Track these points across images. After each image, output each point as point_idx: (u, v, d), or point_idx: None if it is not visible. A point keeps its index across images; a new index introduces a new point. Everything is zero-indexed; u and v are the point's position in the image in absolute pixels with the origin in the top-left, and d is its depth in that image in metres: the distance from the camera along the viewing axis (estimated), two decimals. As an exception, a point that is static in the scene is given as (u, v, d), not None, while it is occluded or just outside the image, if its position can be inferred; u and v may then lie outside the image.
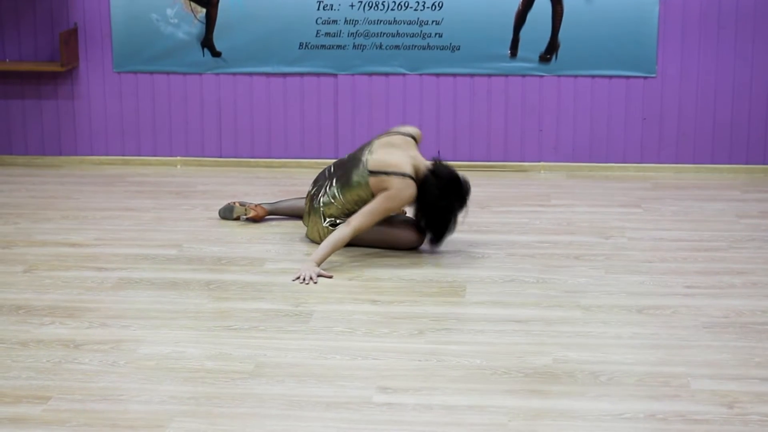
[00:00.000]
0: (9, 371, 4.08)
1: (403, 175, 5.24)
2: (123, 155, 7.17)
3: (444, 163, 5.40)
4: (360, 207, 5.31)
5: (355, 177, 5.34)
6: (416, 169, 5.32)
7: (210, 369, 4.10)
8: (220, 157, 7.10)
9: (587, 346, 4.28)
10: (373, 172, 5.28)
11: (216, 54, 7.00)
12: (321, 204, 5.46)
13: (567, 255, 5.36)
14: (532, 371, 4.06)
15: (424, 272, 5.14)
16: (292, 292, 4.89)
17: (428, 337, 4.38)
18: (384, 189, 5.25)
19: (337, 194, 5.41)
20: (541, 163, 6.99)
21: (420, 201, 5.31)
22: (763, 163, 6.87)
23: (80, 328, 4.48)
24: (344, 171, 5.43)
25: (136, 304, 4.77)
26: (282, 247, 5.52)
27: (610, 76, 6.85)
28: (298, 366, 4.13)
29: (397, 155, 5.32)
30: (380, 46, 6.91)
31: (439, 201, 5.29)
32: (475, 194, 6.42)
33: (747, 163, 6.88)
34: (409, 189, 5.25)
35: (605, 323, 4.51)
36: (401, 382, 3.99)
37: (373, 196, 5.29)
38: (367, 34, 6.90)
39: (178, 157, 7.12)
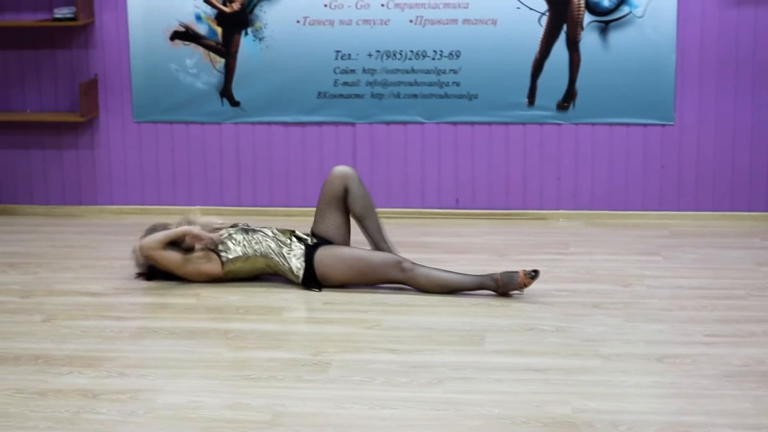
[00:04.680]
0: (27, 421, 4.08)
1: None
2: (143, 204, 7.20)
3: None
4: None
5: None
6: None
7: (228, 419, 4.09)
8: (239, 205, 7.12)
9: (607, 395, 4.26)
10: None
11: (235, 103, 7.04)
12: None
13: (586, 303, 5.35)
14: (551, 421, 4.04)
15: (442, 320, 5.13)
16: (310, 342, 4.89)
17: (447, 386, 4.36)
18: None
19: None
20: (560, 211, 6.99)
21: None
22: (783, 210, 6.87)
23: (99, 377, 4.48)
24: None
25: (155, 353, 4.77)
26: (299, 295, 5.52)
27: (628, 124, 6.86)
28: (317, 415, 4.11)
29: None
30: (398, 95, 6.94)
31: None
32: (493, 242, 6.44)
33: (766, 210, 6.86)
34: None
35: (625, 372, 4.49)
36: (419, 431, 3.97)
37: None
38: (385, 83, 6.93)
39: (198, 206, 7.14)
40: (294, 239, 5.66)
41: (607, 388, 4.33)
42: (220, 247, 5.62)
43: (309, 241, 5.66)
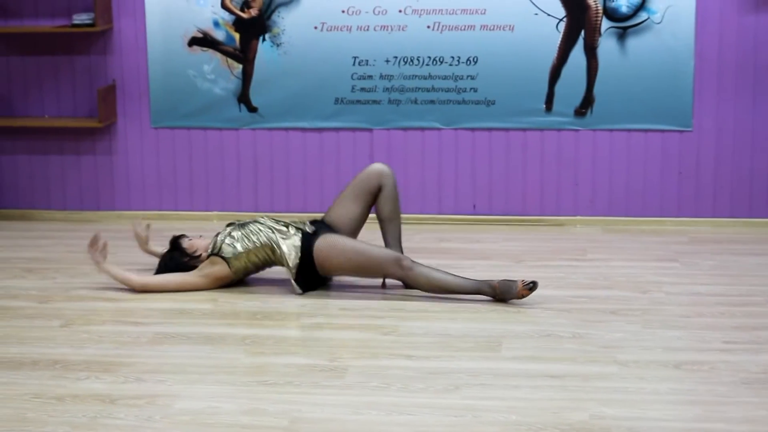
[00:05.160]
0: (45, 426, 4.09)
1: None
2: (160, 210, 7.22)
3: None
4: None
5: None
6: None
7: (245, 424, 4.09)
8: (256, 211, 7.13)
9: (624, 402, 4.25)
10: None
11: (252, 109, 7.05)
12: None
13: (603, 310, 5.33)
14: (568, 427, 4.03)
15: (459, 327, 5.13)
16: (327, 347, 4.89)
17: (463, 393, 4.36)
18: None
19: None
20: (577, 217, 6.98)
21: None
22: (801, 217, 6.85)
23: (116, 382, 4.49)
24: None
25: (172, 358, 4.77)
26: (317, 301, 5.52)
27: (646, 130, 6.85)
28: (333, 421, 4.11)
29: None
30: (415, 101, 6.94)
31: None
32: (510, 248, 6.43)
33: (785, 217, 6.85)
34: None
35: (642, 379, 4.47)
36: (436, 438, 3.98)
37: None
38: (402, 89, 6.94)
39: (215, 212, 7.15)
40: (291, 227, 5.65)
41: (624, 394, 4.32)
42: (223, 248, 5.62)
43: (307, 229, 5.64)
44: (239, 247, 5.62)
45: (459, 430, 4.03)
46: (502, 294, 5.39)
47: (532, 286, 5.35)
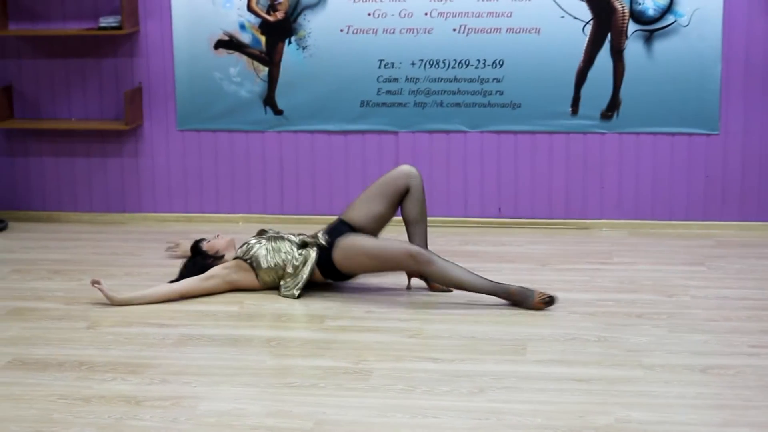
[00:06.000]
0: (71, 427, 4.10)
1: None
2: (186, 212, 7.24)
3: None
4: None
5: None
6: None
7: (270, 426, 4.10)
8: (282, 213, 7.14)
9: (650, 406, 4.23)
10: None
11: (278, 112, 7.06)
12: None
13: (629, 313, 5.32)
14: (593, 431, 4.02)
15: (484, 330, 5.12)
16: (352, 350, 4.89)
17: (488, 396, 4.35)
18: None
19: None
20: (603, 221, 6.96)
21: None
22: (829, 221, 6.81)
23: (141, 384, 4.50)
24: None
25: (197, 360, 4.79)
26: (342, 304, 5.53)
27: (673, 133, 6.82)
28: (358, 424, 4.11)
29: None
30: (441, 104, 6.94)
31: None
32: (535, 252, 6.42)
33: (812, 221, 6.81)
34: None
35: (668, 383, 4.46)
36: (461, 441, 3.97)
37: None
38: (428, 92, 6.93)
39: (240, 214, 7.17)
40: (309, 247, 5.65)
41: (650, 398, 4.30)
42: (258, 260, 5.62)
43: (322, 242, 5.63)
44: (271, 263, 5.63)
45: (484, 433, 4.03)
46: (518, 303, 5.37)
47: (549, 301, 5.33)
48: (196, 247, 5.82)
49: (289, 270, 5.61)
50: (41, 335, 5.12)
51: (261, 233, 5.80)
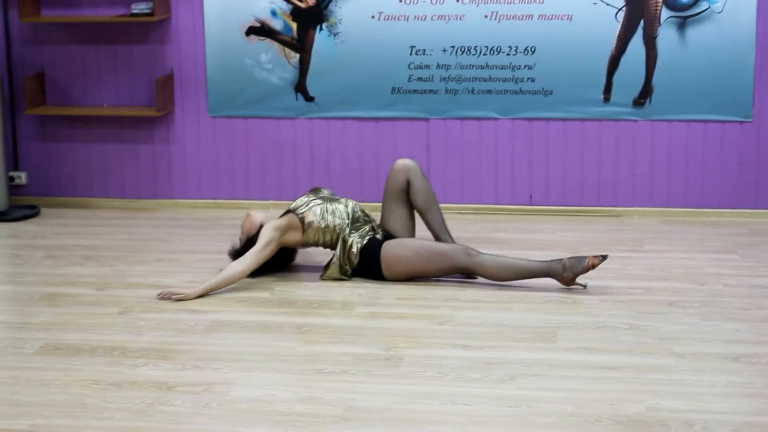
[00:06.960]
0: (103, 412, 4.13)
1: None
2: (217, 199, 7.25)
3: None
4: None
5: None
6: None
7: (301, 412, 4.11)
8: (313, 200, 7.14)
9: (681, 394, 4.22)
10: None
11: (309, 99, 7.06)
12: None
13: (661, 301, 5.30)
14: (624, 419, 4.01)
15: (514, 317, 5.11)
16: (383, 336, 4.89)
17: (519, 383, 4.35)
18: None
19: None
20: (635, 208, 6.93)
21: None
22: None
23: (173, 370, 4.52)
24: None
25: (229, 346, 4.80)
26: (373, 291, 5.53)
27: (705, 121, 6.79)
28: (388, 410, 4.12)
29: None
30: (472, 91, 6.92)
31: None
32: (567, 239, 6.40)
33: None
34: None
35: (699, 371, 4.44)
36: (491, 428, 3.97)
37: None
38: (459, 79, 6.92)
39: (271, 201, 7.18)
40: (367, 227, 5.67)
41: (681, 387, 4.29)
42: (306, 214, 5.63)
43: (378, 236, 5.66)
44: (322, 224, 5.63)
45: (514, 420, 4.02)
46: (571, 269, 5.37)
47: (603, 258, 5.34)
48: (236, 253, 5.74)
49: (335, 237, 5.63)
50: (73, 321, 5.15)
51: (316, 191, 5.82)
